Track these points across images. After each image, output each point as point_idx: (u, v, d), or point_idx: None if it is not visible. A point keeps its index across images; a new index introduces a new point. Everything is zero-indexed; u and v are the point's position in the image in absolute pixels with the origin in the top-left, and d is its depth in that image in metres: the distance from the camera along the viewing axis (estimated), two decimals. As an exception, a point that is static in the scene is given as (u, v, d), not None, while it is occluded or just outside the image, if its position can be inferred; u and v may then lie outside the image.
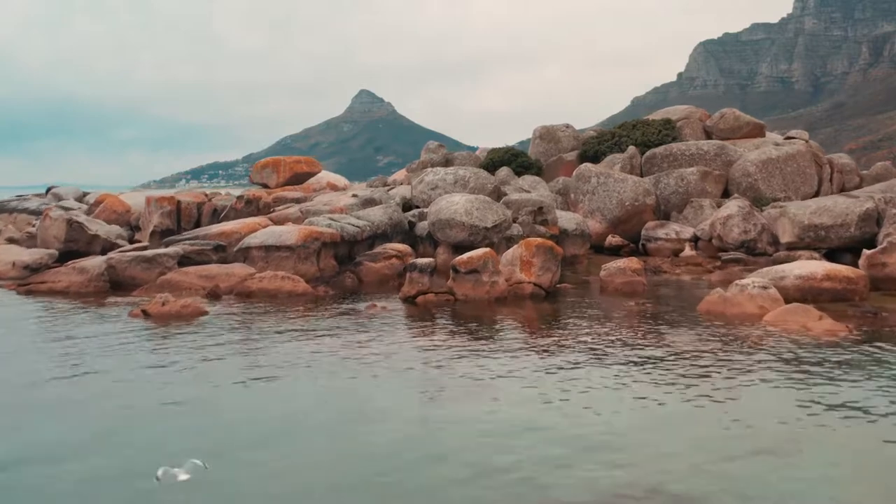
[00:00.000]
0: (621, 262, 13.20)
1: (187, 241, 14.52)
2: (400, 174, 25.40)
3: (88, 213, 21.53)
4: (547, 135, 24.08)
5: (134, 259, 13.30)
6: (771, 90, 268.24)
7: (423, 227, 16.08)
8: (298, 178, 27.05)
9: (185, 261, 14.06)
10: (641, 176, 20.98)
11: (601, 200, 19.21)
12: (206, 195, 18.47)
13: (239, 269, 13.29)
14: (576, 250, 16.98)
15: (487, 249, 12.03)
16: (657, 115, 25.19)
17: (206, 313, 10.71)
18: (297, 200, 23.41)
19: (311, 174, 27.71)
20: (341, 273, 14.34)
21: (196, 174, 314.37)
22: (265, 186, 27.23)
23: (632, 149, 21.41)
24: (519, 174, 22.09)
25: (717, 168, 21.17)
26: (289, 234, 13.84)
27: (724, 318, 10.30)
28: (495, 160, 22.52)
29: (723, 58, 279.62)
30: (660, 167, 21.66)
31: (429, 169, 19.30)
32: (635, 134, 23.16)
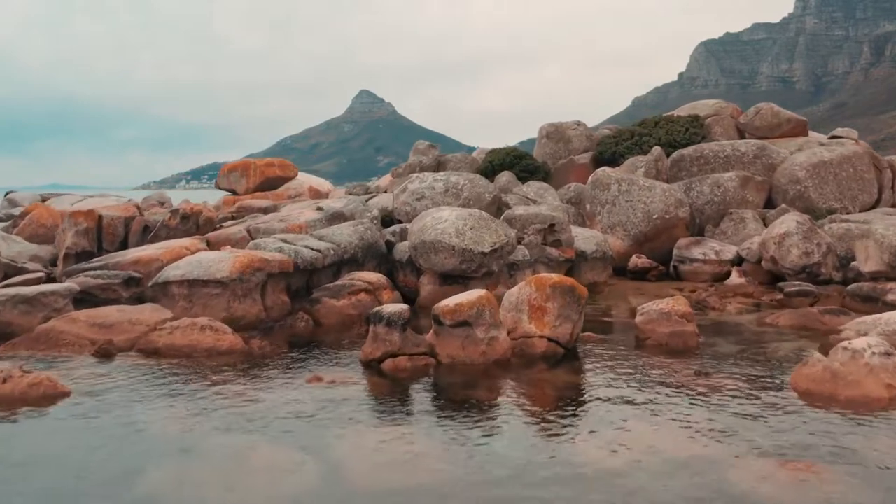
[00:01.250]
0: (664, 304, 9.65)
1: (91, 272, 10.97)
2: (385, 179, 21.88)
3: (14, 226, 18.01)
4: (555, 134, 20.53)
5: (10, 299, 9.76)
6: (772, 90, 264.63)
7: (403, 250, 12.56)
8: (271, 184, 23.58)
9: (87, 298, 10.54)
10: (668, 182, 17.45)
11: (623, 213, 15.65)
12: (138, 207, 14.92)
13: (149, 313, 9.75)
14: (596, 277, 13.47)
15: (482, 293, 8.48)
16: (682, 111, 21.64)
17: (66, 394, 7.18)
18: (266, 210, 19.96)
19: (286, 179, 24.21)
20: (295, 313, 10.83)
21: (196, 174, 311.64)
22: (233, 193, 23.77)
23: (657, 150, 17.86)
24: (523, 180, 18.55)
25: (758, 172, 17.64)
26: (221, 263, 10.29)
27: (834, 404, 6.77)
28: (495, 163, 18.98)
29: (724, 58, 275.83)
30: (689, 171, 18.12)
31: (414, 175, 15.76)
32: (658, 132, 19.62)
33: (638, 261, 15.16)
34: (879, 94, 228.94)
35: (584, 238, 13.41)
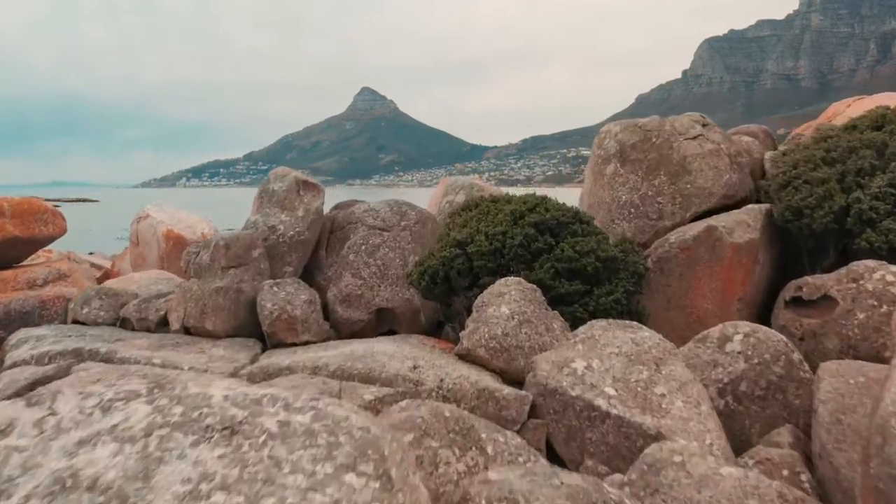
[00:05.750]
0: None
1: None
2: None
3: None
4: (641, 149, 7.32)
5: None
6: (777, 87, 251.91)
7: None
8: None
9: None
10: None
11: None
12: None
13: None
14: None
15: None
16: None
17: None
18: None
19: (36, 242, 10.95)
20: None
21: (197, 173, 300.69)
22: (-76, 271, 10.50)
23: None
24: (560, 303, 5.44)
25: None
26: None
27: None
28: (485, 253, 5.76)
29: (728, 55, 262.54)
30: None
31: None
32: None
33: None
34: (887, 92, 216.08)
35: None
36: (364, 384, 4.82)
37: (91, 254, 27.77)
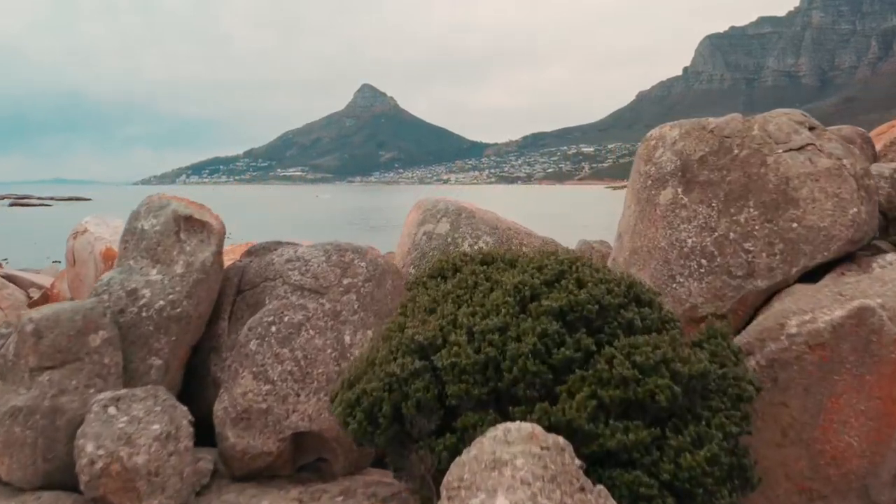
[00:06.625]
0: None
1: None
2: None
3: None
4: (721, 164, 4.76)
5: None
6: (778, 84, 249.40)
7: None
8: None
9: None
10: None
11: None
12: None
13: None
14: None
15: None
16: None
17: None
18: None
19: None
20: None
21: (197, 170, 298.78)
22: None
23: None
24: (625, 463, 2.83)
25: None
26: None
27: None
28: (466, 368, 2.88)
29: (729, 52, 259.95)
30: None
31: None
32: None
33: None
34: (890, 89, 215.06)
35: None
36: None
37: (56, 262, 24.88)
